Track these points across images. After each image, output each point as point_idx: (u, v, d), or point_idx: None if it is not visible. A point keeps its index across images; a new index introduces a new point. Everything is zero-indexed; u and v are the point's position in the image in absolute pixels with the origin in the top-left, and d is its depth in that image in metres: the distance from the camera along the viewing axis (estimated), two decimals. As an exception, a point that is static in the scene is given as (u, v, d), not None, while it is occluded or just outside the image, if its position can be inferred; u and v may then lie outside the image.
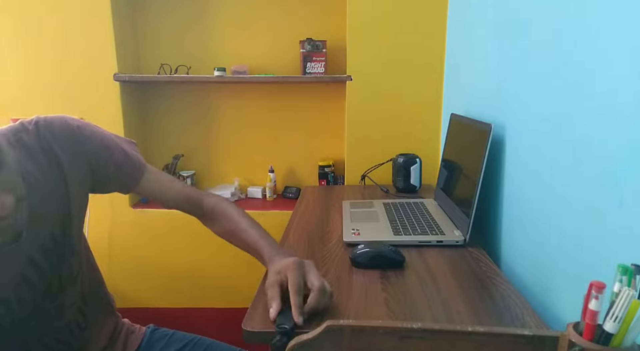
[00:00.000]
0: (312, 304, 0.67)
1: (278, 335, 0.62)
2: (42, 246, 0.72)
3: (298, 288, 0.67)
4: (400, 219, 1.15)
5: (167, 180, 0.92)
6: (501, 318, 0.70)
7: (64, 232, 0.76)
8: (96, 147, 0.79)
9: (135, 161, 0.85)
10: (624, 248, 0.56)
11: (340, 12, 1.79)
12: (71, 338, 0.81)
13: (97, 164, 0.79)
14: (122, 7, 1.79)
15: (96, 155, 0.79)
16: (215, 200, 0.93)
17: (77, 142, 0.76)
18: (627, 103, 0.56)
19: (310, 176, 2.02)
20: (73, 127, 0.76)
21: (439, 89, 1.69)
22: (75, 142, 0.76)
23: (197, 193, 0.94)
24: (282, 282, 0.70)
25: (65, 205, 0.75)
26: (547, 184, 0.79)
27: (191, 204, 0.92)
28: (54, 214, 0.74)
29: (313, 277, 0.69)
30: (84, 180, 0.78)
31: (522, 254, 0.89)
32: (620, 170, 0.57)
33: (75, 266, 0.79)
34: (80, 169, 0.77)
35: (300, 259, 0.72)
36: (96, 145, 0.79)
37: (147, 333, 0.99)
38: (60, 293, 0.77)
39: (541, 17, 0.83)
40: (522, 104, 0.91)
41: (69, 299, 0.79)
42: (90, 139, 0.78)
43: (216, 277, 1.90)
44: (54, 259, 0.74)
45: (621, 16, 0.58)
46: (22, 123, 0.73)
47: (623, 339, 0.39)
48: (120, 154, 0.82)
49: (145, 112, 1.99)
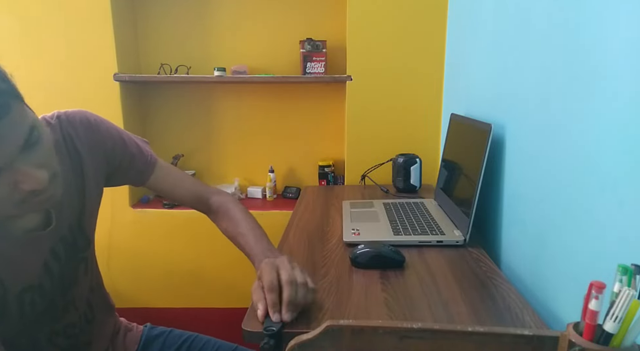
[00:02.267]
0: (285, 298, 0.67)
1: (266, 338, 0.63)
2: (62, 237, 0.74)
3: (270, 286, 0.68)
4: (400, 219, 1.15)
5: (178, 177, 0.94)
6: (501, 318, 0.70)
7: (80, 224, 0.78)
8: (113, 140, 0.82)
9: (147, 155, 0.89)
10: (624, 248, 0.56)
11: (340, 12, 1.79)
12: (80, 333, 0.82)
13: (112, 156, 0.82)
14: (122, 7, 1.79)
15: (112, 148, 0.82)
16: (221, 199, 0.95)
17: (96, 135, 0.79)
18: (627, 103, 0.56)
19: (310, 176, 2.02)
20: (91, 121, 0.79)
21: (439, 89, 1.69)
22: (93, 136, 0.79)
23: (206, 191, 0.96)
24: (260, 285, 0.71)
25: (81, 198, 0.78)
26: (547, 184, 0.79)
27: (199, 202, 0.95)
28: (73, 206, 0.76)
29: (282, 272, 0.70)
30: (99, 173, 0.81)
31: (522, 255, 0.89)
32: (620, 170, 0.57)
33: (89, 259, 0.82)
34: (96, 162, 0.80)
35: (272, 259, 0.73)
36: (113, 138, 0.82)
37: (144, 332, 0.99)
38: (74, 285, 0.78)
39: (541, 17, 0.83)
40: (522, 104, 0.91)
41: (80, 292, 0.80)
42: (108, 133, 0.82)
43: (216, 277, 1.90)
44: (71, 250, 0.76)
45: (621, 16, 0.58)
46: (45, 118, 0.75)
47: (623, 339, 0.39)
48: (134, 147, 0.86)
49: (145, 112, 1.99)
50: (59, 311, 0.76)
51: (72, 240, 0.76)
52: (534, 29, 0.86)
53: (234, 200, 0.96)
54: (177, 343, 0.98)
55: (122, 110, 1.77)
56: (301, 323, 0.68)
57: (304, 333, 0.51)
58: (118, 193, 1.79)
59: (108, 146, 0.81)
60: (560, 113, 0.74)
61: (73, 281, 0.78)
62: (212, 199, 0.95)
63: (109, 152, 0.82)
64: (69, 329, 0.79)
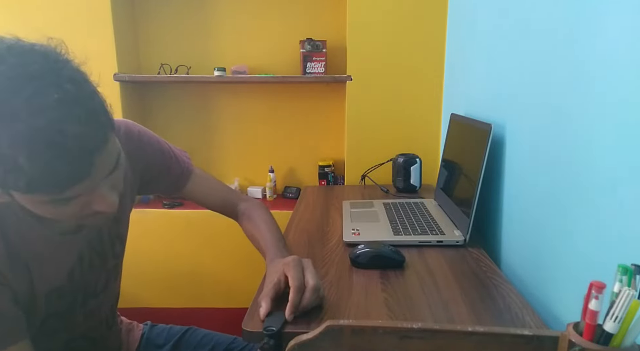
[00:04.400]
0: (306, 302, 0.68)
1: (266, 338, 0.63)
2: (90, 242, 0.74)
3: (299, 284, 0.69)
4: (400, 219, 1.15)
5: (211, 186, 0.96)
6: (501, 318, 0.70)
7: (110, 232, 0.78)
8: (153, 152, 0.84)
9: (183, 166, 0.90)
10: (624, 248, 0.56)
11: (340, 12, 1.80)
12: (99, 337, 0.83)
13: (150, 169, 0.84)
14: (122, 7, 1.79)
15: (152, 160, 0.84)
16: (248, 205, 0.98)
17: (138, 147, 0.81)
18: (627, 103, 0.56)
19: (310, 176, 2.02)
20: (134, 132, 0.81)
21: (439, 89, 1.69)
22: (135, 147, 0.80)
23: (235, 198, 0.99)
24: (279, 281, 0.71)
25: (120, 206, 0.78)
26: (547, 184, 0.79)
27: (228, 208, 0.97)
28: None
29: (309, 275, 0.71)
30: (134, 183, 0.82)
31: (522, 254, 0.89)
32: (620, 170, 0.57)
33: (119, 267, 0.83)
34: (134, 172, 0.81)
35: (299, 257, 0.74)
36: (154, 151, 0.84)
37: (145, 330, 1.01)
38: (103, 290, 0.79)
39: (541, 18, 0.83)
40: (522, 104, 0.91)
41: (108, 298, 0.82)
42: (149, 146, 0.83)
43: (216, 277, 1.90)
44: (101, 257, 0.77)
45: (621, 17, 0.58)
46: None
47: (623, 339, 0.39)
48: (171, 159, 0.88)
49: (145, 112, 1.99)
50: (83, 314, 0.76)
51: (102, 247, 0.76)
52: (534, 29, 0.86)
53: (260, 205, 0.99)
54: (176, 336, 1.00)
55: (122, 110, 1.77)
56: (301, 323, 0.68)
57: (304, 333, 0.51)
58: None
59: (149, 159, 0.83)
60: (560, 113, 0.74)
61: (104, 287, 0.79)
62: (240, 205, 0.98)
63: (149, 165, 0.83)
64: (94, 330, 0.80)
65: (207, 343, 0.99)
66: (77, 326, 0.76)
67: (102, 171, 0.57)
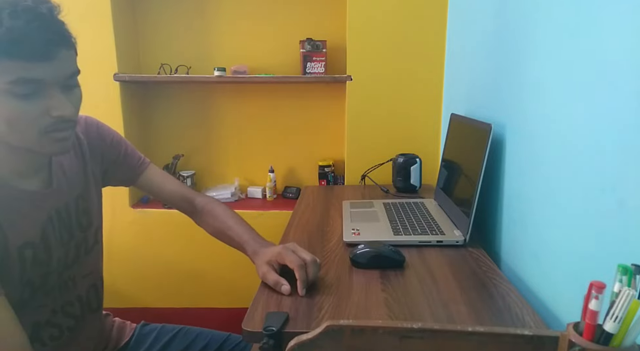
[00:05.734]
0: (311, 275, 0.78)
1: (265, 338, 0.63)
2: (57, 211, 0.79)
3: (300, 263, 0.77)
4: (400, 219, 1.15)
5: (166, 179, 1.01)
6: (501, 318, 0.70)
7: (77, 204, 0.83)
8: (111, 141, 0.92)
9: (140, 157, 0.98)
10: (624, 248, 0.56)
11: (340, 12, 1.79)
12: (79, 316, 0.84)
13: (108, 157, 0.92)
14: (122, 7, 1.79)
15: (109, 149, 0.92)
16: (206, 200, 1.03)
17: (97, 136, 0.89)
18: (627, 103, 0.56)
19: (310, 176, 2.02)
20: (94, 123, 0.90)
21: (439, 89, 1.69)
22: (95, 136, 0.89)
23: (192, 193, 1.04)
24: (275, 269, 0.80)
25: (83, 184, 0.85)
26: (547, 184, 0.79)
27: (185, 201, 1.02)
28: (73, 187, 0.83)
29: (302, 254, 0.79)
30: (95, 168, 0.89)
31: (522, 254, 0.89)
32: (620, 170, 0.57)
33: (91, 239, 0.87)
34: (96, 160, 0.89)
35: (283, 245, 0.82)
36: (112, 140, 0.93)
37: (137, 329, 1.02)
38: (76, 263, 0.82)
39: (541, 18, 0.83)
40: (522, 104, 0.91)
41: (82, 274, 0.85)
42: (108, 135, 0.92)
43: (216, 277, 1.90)
44: (68, 224, 0.80)
45: (621, 17, 0.58)
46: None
47: (623, 339, 0.39)
48: (128, 149, 0.96)
49: (145, 112, 1.99)
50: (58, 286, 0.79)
51: (68, 215, 0.80)
52: (534, 29, 0.86)
53: (218, 201, 1.03)
54: (169, 335, 1.00)
55: (122, 110, 1.77)
56: (301, 323, 0.68)
57: (304, 333, 0.51)
58: (118, 193, 1.79)
59: (106, 148, 0.91)
60: (560, 113, 0.74)
61: (73, 259, 0.81)
62: (197, 199, 1.02)
63: (106, 153, 0.91)
64: (67, 307, 0.81)
65: (201, 340, 1.00)
66: (56, 299, 0.79)
67: (62, 69, 0.67)
